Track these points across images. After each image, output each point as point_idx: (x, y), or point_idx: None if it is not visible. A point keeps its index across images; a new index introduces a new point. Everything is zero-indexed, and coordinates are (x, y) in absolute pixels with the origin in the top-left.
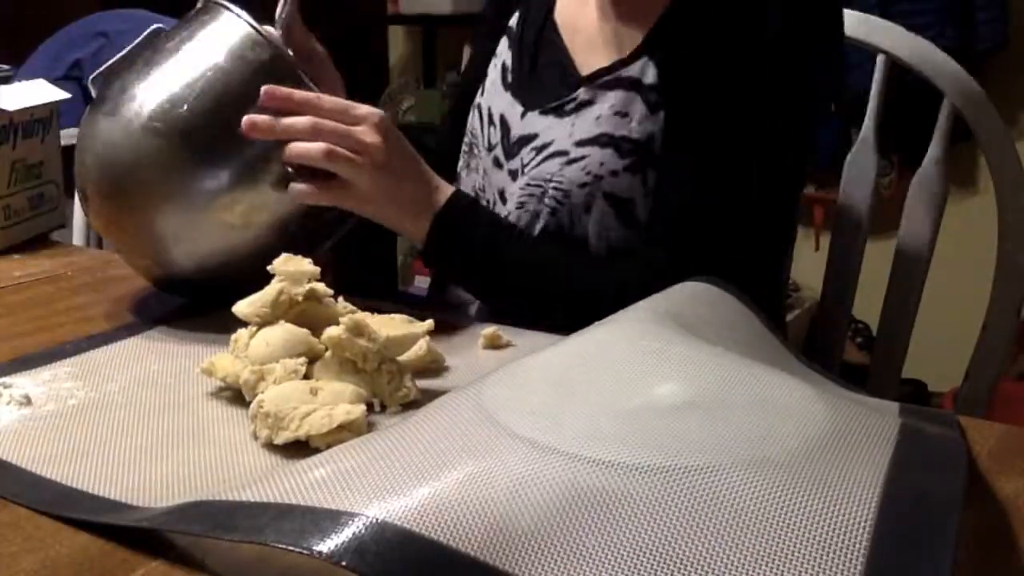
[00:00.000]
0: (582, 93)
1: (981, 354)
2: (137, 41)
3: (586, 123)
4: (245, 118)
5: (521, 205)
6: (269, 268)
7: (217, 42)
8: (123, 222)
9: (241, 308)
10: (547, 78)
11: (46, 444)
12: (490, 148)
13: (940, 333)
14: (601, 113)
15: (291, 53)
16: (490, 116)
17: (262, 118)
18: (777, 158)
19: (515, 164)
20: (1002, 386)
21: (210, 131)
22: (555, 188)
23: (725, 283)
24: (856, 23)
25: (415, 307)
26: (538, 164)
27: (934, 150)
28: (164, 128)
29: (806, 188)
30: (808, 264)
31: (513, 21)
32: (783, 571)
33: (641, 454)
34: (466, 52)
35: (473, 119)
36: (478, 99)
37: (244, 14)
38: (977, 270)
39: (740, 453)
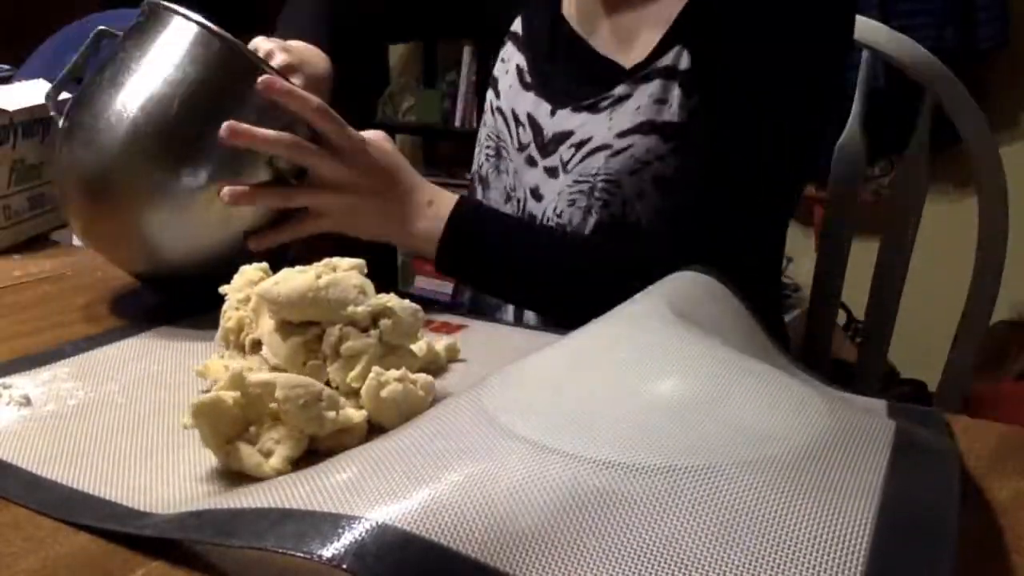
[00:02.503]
0: (620, 89)
1: (955, 354)
2: (85, 44)
3: (625, 115)
4: (225, 125)
5: (572, 202)
6: (222, 290)
7: (175, 44)
8: (104, 226)
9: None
10: (575, 75)
11: (46, 444)
12: (521, 148)
13: (941, 333)
14: (640, 103)
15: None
16: (515, 117)
17: (243, 126)
18: (796, 141)
19: (553, 162)
20: (1002, 386)
21: (184, 130)
22: (604, 181)
23: (719, 273)
24: None
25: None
26: (581, 160)
27: (918, 138)
28: (141, 131)
29: (806, 188)
30: (808, 264)
31: (516, 26)
32: (783, 572)
33: (641, 454)
34: (466, 52)
35: (496, 123)
36: (496, 103)
37: (194, 15)
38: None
39: (740, 453)
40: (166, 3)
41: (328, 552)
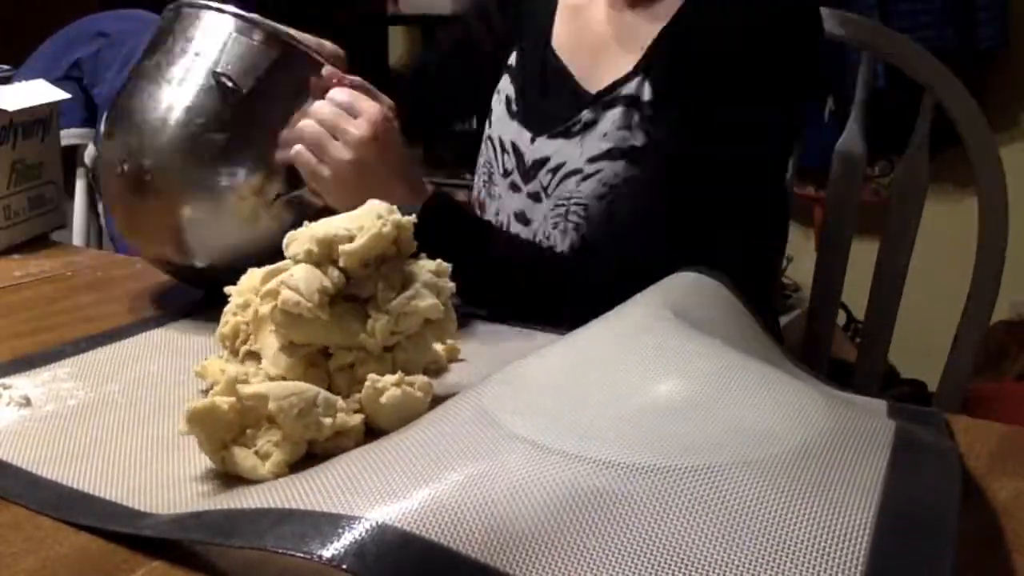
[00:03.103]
0: (586, 114)
1: (955, 354)
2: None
3: (594, 141)
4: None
5: (555, 225)
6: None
7: (213, 38)
8: (144, 220)
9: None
10: (554, 103)
11: (46, 445)
12: (506, 174)
13: (941, 333)
14: (607, 130)
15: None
16: (502, 145)
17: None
18: (765, 158)
19: (535, 187)
20: (1002, 386)
21: (229, 126)
22: (576, 204)
23: (719, 274)
24: (843, 24)
25: None
26: (558, 184)
27: (917, 138)
28: (184, 128)
29: (806, 188)
30: (808, 264)
31: (512, 60)
32: (783, 571)
33: (641, 454)
34: None
35: (487, 151)
36: (487, 131)
37: (228, 7)
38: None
39: (740, 453)
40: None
41: (328, 552)
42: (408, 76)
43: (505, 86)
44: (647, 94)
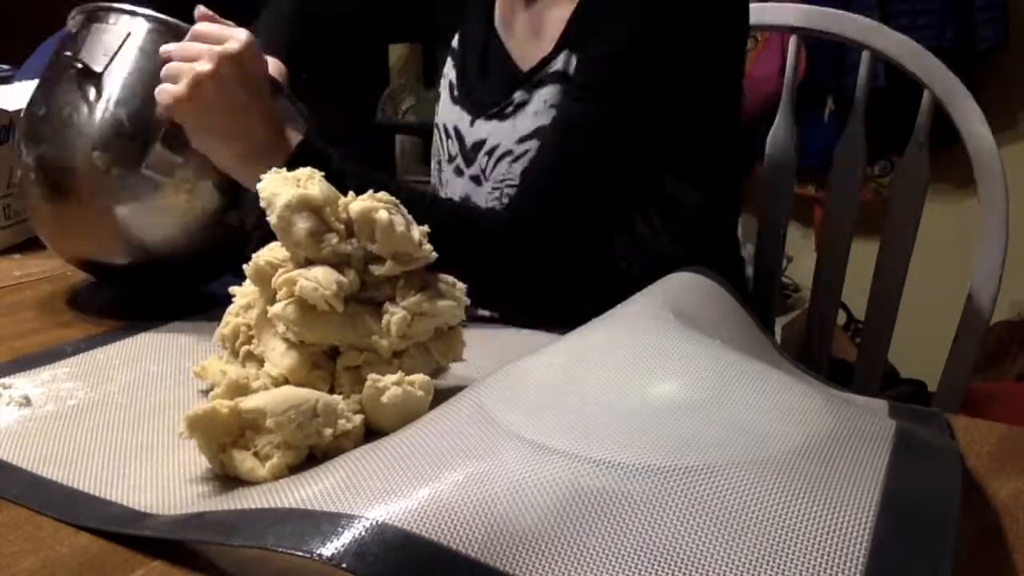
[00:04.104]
0: (518, 95)
1: (955, 354)
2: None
3: (525, 120)
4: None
5: (491, 209)
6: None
7: (126, 40)
8: (70, 221)
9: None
10: (490, 85)
11: (46, 444)
12: (451, 159)
13: (941, 333)
14: (537, 109)
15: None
16: (446, 130)
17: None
18: (703, 127)
19: (475, 170)
20: (1002, 386)
21: (145, 125)
22: (508, 186)
23: (715, 275)
24: (843, 23)
25: None
26: (494, 167)
27: (917, 138)
28: (105, 128)
29: (806, 188)
30: (808, 264)
31: (455, 42)
32: (783, 571)
33: (641, 454)
34: None
35: (436, 138)
36: (436, 118)
37: (140, 9)
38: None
39: (740, 453)
40: (107, 3)
41: (328, 551)
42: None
43: (448, 69)
44: (572, 68)
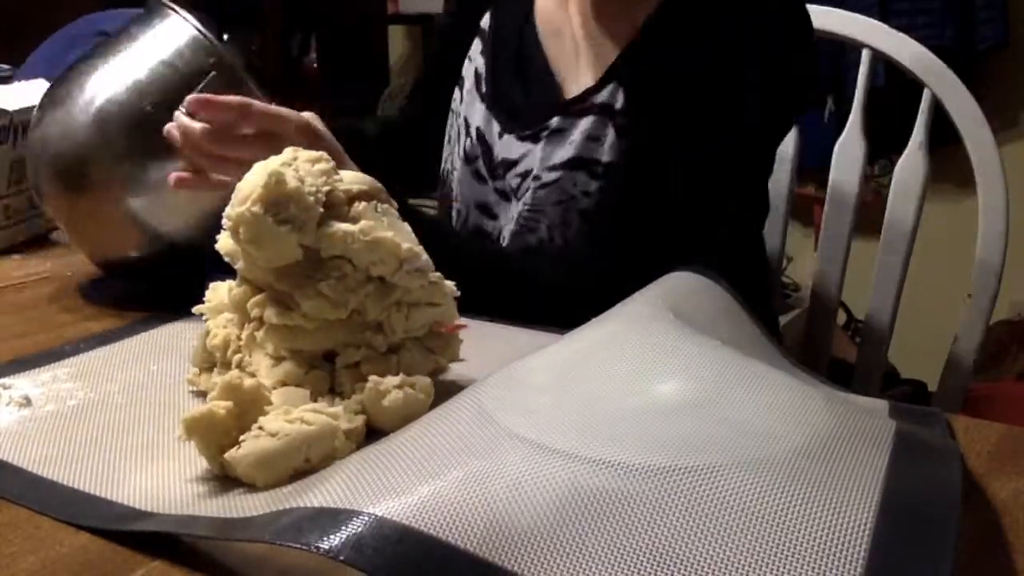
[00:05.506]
0: (555, 122)
1: (954, 354)
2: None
3: (559, 148)
4: (167, 127)
5: (523, 226)
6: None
7: (165, 41)
8: (79, 211)
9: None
10: (531, 103)
11: (46, 445)
12: (468, 160)
13: (941, 333)
14: (574, 139)
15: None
16: (467, 126)
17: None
18: (747, 171)
19: (502, 185)
20: (1002, 386)
21: (156, 123)
22: (530, 210)
23: (714, 274)
24: (843, 23)
25: None
26: (526, 191)
27: (917, 138)
28: (114, 119)
29: (806, 188)
30: (808, 264)
31: (485, 22)
32: (783, 571)
33: (641, 454)
34: None
35: (454, 123)
36: (455, 105)
37: (191, 17)
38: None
39: (740, 453)
40: (168, 2)
41: (326, 544)
42: (400, 125)
43: (476, 54)
44: (620, 102)
